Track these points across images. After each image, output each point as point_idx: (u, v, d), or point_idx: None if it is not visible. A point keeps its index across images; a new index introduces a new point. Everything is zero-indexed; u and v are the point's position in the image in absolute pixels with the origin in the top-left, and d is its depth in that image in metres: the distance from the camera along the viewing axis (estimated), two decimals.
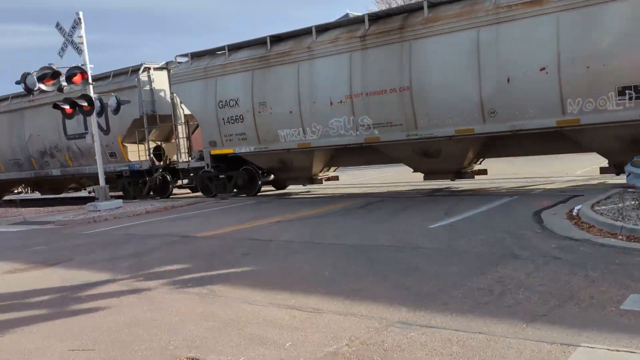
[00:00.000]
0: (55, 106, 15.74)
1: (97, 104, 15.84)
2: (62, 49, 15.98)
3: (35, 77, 15.34)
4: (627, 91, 10.93)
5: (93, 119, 16.14)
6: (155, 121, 19.61)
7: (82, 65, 15.91)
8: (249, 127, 16.43)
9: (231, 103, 16.87)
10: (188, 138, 19.63)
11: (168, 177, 19.80)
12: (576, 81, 11.42)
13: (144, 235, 11.23)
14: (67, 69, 15.63)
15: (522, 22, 11.91)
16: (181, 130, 19.68)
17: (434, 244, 7.69)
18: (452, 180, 14.49)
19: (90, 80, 16.01)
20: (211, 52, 17.76)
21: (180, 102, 18.85)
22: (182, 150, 19.62)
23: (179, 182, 19.59)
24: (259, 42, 16.51)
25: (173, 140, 19.99)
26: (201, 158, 18.42)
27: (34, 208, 20.13)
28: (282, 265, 7.28)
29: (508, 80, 12.03)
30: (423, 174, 14.84)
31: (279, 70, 15.59)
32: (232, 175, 17.84)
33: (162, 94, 19.58)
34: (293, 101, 15.62)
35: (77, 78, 15.61)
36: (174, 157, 19.98)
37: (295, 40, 15.84)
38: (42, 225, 15.17)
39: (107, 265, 8.41)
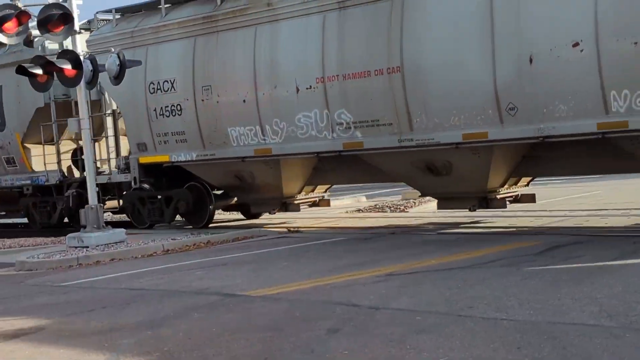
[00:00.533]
0: (20, 70, 16.51)
1: (87, 66, 16.48)
2: None
3: None
4: None
5: (81, 92, 16.79)
6: (70, 111, 20.71)
7: (65, 1, 16.62)
8: (189, 123, 17.85)
9: (166, 86, 18.41)
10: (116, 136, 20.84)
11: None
12: (621, 64, 12.82)
13: (162, 291, 11.47)
14: (41, 7, 16.35)
15: None
16: (111, 124, 20.78)
17: None
18: (470, 210, 16.01)
19: (77, 27, 16.71)
20: (147, 7, 19.09)
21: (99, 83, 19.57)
22: (112, 156, 20.94)
23: (112, 204, 21.22)
24: None
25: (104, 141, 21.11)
26: (128, 168, 19.73)
27: None
28: (397, 355, 7.22)
29: (531, 61, 13.55)
30: (436, 201, 16.62)
31: (230, 36, 16.71)
32: (171, 196, 18.95)
33: None
34: (248, 85, 17.21)
35: (56, 24, 16.28)
36: (105, 165, 21.18)
37: None
38: None
39: (100, 341, 8.60)
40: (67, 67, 16.22)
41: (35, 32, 16.56)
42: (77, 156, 21.74)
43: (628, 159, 14.02)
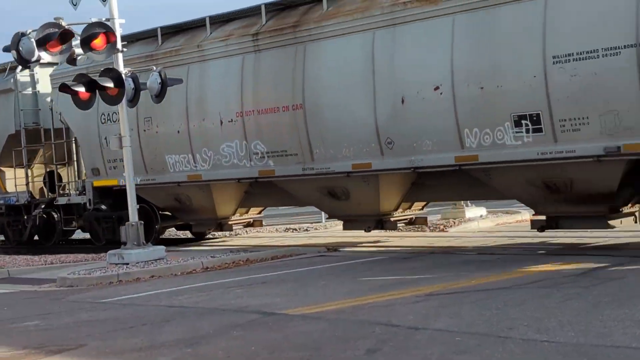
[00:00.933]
0: (64, 87, 16.75)
1: (129, 84, 16.67)
2: None
3: (33, 41, 16.42)
4: (523, 121, 14.52)
5: (123, 110, 17.00)
6: (40, 138, 23.47)
7: (108, 20, 16.85)
8: (133, 150, 19.28)
9: (115, 117, 20.08)
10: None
11: (56, 216, 23.31)
12: (471, 105, 15.07)
13: (201, 309, 11.56)
14: (84, 26, 16.57)
15: (416, 25, 15.65)
16: (74, 150, 23.28)
17: None
18: (366, 231, 18.28)
19: (119, 46, 16.92)
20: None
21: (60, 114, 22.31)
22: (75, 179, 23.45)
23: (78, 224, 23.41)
24: (151, 35, 20.71)
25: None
26: (85, 191, 22.42)
27: (22, 256, 21.47)
28: None
29: (403, 101, 15.82)
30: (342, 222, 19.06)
31: (167, 73, 17.96)
32: (122, 216, 20.34)
33: (49, 99, 23.08)
34: (181, 117, 19.61)
35: (100, 41, 16.49)
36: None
37: (189, 35, 19.86)
38: (35, 285, 16.13)
39: (140, 358, 8.70)
40: (110, 85, 16.44)
41: (79, 50, 16.79)
42: (52, 178, 24.02)
43: (483, 187, 16.19)
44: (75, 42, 16.68)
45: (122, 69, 16.85)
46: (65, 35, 16.42)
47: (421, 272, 13.69)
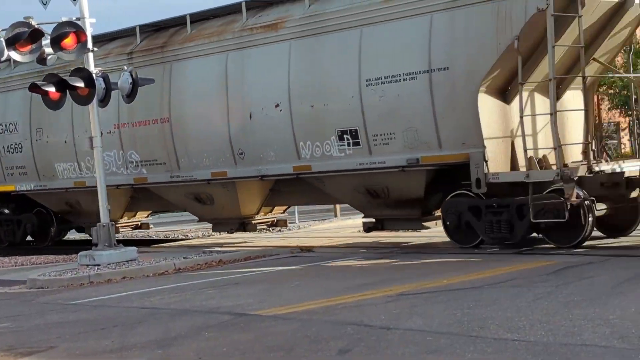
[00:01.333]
0: (34, 88, 16.67)
1: (100, 84, 16.61)
2: None
3: (2, 41, 16.33)
4: (345, 136, 16.72)
5: (93, 110, 16.93)
6: None
7: (78, 19, 16.78)
8: (27, 158, 22.49)
9: (10, 128, 22.83)
10: None
11: None
12: (304, 121, 17.32)
13: (173, 310, 11.53)
14: (54, 25, 16.50)
15: (261, 49, 17.95)
16: None
17: None
18: (229, 232, 20.86)
19: (90, 45, 16.85)
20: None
21: None
22: None
23: None
24: None
25: None
26: None
27: None
28: None
29: (250, 117, 18.11)
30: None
31: None
32: (21, 220, 23.37)
33: None
34: (68, 128, 21.44)
35: (70, 40, 16.41)
36: None
37: None
38: (6, 287, 16.01)
39: None
40: (80, 85, 16.36)
41: (49, 49, 16.70)
42: None
43: (323, 194, 18.28)
44: (46, 41, 16.60)
45: (93, 69, 16.78)
46: (35, 35, 16.35)
47: (393, 271, 13.75)
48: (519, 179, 15.23)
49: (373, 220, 17.83)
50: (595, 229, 15.31)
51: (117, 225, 21.81)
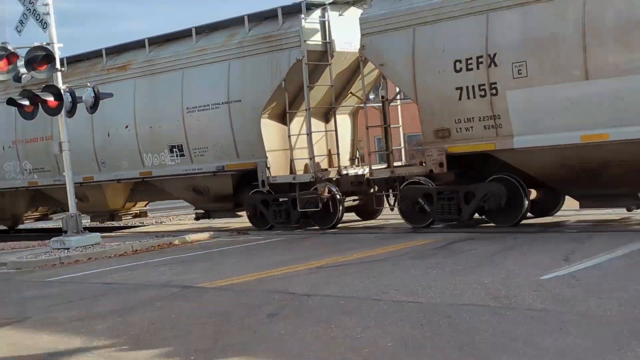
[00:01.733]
0: (11, 102, 16.29)
1: (67, 98, 16.32)
2: (21, 22, 16.57)
3: None
4: (174, 149, 18.86)
5: (62, 119, 16.62)
6: None
7: (48, 44, 16.44)
8: None
9: None
10: None
11: None
12: (146, 138, 19.39)
13: (131, 285, 11.44)
14: (27, 49, 16.18)
15: (115, 84, 19.48)
16: None
17: (547, 305, 7.60)
18: (100, 222, 22.74)
19: (58, 65, 16.53)
20: None
21: None
22: None
23: None
24: None
25: None
26: None
27: None
28: (324, 333, 7.29)
29: (109, 135, 20.06)
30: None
31: None
32: None
33: None
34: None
35: (41, 63, 16.10)
36: None
37: None
38: None
39: (77, 327, 8.57)
40: (50, 99, 16.11)
41: (23, 70, 16.45)
42: None
43: (164, 192, 20.24)
44: (20, 63, 16.34)
45: (61, 85, 16.49)
46: (11, 57, 16.08)
47: (312, 250, 13.82)
48: (289, 180, 17.20)
49: (202, 211, 19.86)
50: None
51: (23, 218, 24.84)
